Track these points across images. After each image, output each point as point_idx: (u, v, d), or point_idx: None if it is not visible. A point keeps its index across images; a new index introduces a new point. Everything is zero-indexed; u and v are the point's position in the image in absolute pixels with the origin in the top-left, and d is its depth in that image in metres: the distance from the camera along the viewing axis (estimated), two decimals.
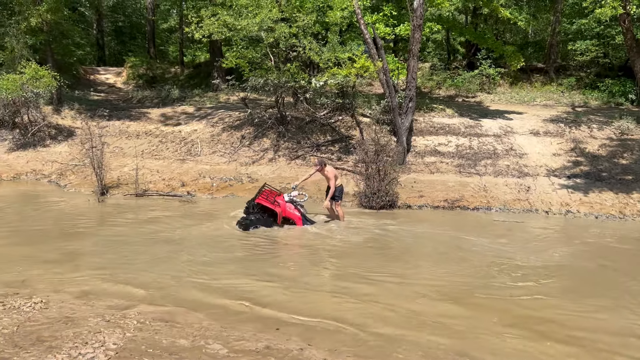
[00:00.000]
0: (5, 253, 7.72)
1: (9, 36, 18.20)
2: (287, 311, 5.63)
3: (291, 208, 9.66)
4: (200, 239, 8.77)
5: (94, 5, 29.11)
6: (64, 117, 18.60)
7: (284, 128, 15.95)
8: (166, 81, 25.59)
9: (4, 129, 17.19)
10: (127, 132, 17.61)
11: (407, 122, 14.19)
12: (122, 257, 7.67)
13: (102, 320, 4.93)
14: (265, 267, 7.26)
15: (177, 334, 4.78)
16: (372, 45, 14.37)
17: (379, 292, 6.29)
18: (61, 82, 17.44)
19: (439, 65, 24.69)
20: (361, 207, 11.62)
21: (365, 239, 9.15)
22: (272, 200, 9.53)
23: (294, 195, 9.90)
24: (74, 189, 13.36)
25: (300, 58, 15.15)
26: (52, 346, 4.11)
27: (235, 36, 14.82)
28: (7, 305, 5.14)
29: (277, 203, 9.52)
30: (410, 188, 12.65)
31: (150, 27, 28.10)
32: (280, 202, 9.57)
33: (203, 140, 16.47)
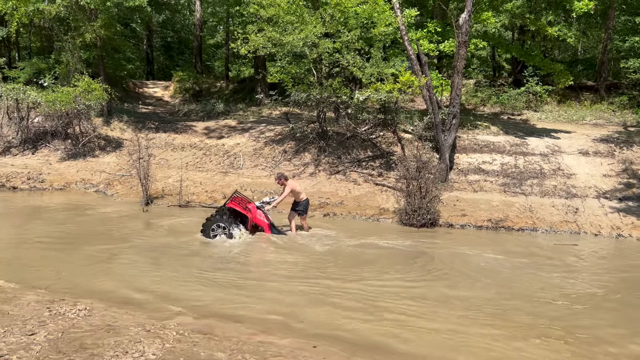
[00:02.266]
0: (53, 258, 7.97)
1: (64, 51, 19.06)
2: (328, 329, 5.57)
3: (261, 215, 9.87)
4: (241, 252, 8.83)
5: (145, 21, 30.16)
6: (113, 128, 19.25)
7: (324, 143, 15.98)
8: (211, 95, 26.19)
9: (57, 140, 17.94)
10: (173, 145, 18.04)
11: (450, 139, 13.98)
12: (163, 268, 7.79)
13: (143, 329, 4.98)
14: (307, 284, 7.22)
15: (215, 346, 4.78)
16: (416, 62, 14.30)
17: (427, 322, 6.15)
18: (111, 95, 18.10)
19: (484, 82, 24.30)
20: (401, 224, 11.46)
21: (426, 262, 8.98)
22: (244, 206, 9.77)
23: (265, 201, 10.13)
24: (120, 198, 13.74)
25: (342, 73, 15.21)
26: (94, 354, 4.18)
27: (279, 52, 15.04)
28: (53, 310, 5.28)
29: (249, 209, 9.70)
30: (452, 206, 12.40)
31: (197, 42, 28.86)
32: (251, 208, 9.76)
33: (245, 153, 16.68)
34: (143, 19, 28.99)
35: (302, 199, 10.14)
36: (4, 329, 4.55)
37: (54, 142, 17.92)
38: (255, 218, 9.78)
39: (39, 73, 20.23)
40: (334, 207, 12.72)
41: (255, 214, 9.77)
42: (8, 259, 8.07)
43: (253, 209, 9.80)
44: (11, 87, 18.06)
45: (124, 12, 20.91)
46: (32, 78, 20.13)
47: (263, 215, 9.89)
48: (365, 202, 12.93)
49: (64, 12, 18.25)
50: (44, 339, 4.40)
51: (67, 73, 18.77)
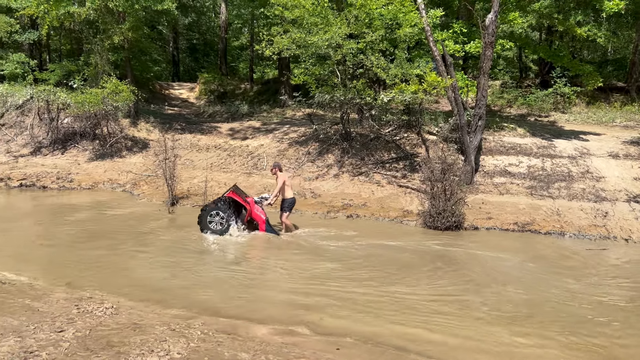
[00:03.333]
0: (81, 256, 8.13)
1: (93, 53, 19.45)
2: (351, 331, 5.55)
3: (258, 210, 10.03)
4: (262, 253, 8.87)
5: (172, 24, 30.58)
6: (139, 129, 19.55)
7: (348, 144, 15.95)
8: (236, 97, 26.41)
9: (86, 140, 18.30)
10: (198, 146, 18.24)
11: (475, 140, 13.80)
12: (187, 267, 7.88)
13: (168, 328, 5.04)
14: (337, 285, 7.20)
15: (239, 347, 4.81)
16: (441, 62, 14.16)
17: (458, 326, 6.08)
18: (138, 96, 18.39)
19: (510, 83, 23.94)
20: (425, 227, 11.34)
21: (462, 275, 8.90)
22: (243, 198, 10.03)
23: (263, 197, 10.30)
24: (146, 198, 13.93)
25: (366, 75, 15.16)
26: (120, 352, 4.24)
27: (304, 53, 15.07)
28: (81, 308, 5.38)
29: (247, 202, 9.99)
30: (477, 209, 12.24)
31: (222, 44, 29.12)
32: (249, 201, 10.02)
33: (269, 154, 16.76)
34: (170, 22, 29.39)
35: (288, 197, 10.20)
36: (34, 325, 4.65)
37: (82, 142, 18.29)
38: (253, 212, 9.99)
39: (69, 75, 20.68)
40: (357, 208, 12.68)
41: (253, 207, 10.00)
42: (36, 256, 8.25)
43: (252, 202, 10.02)
44: (42, 88, 18.51)
45: (151, 14, 21.22)
46: (62, 80, 20.60)
47: (260, 210, 10.08)
48: (388, 204, 12.85)
49: (93, 15, 18.62)
50: (72, 336, 4.48)
51: (96, 75, 19.14)
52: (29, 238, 9.45)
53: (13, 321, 4.71)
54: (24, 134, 18.62)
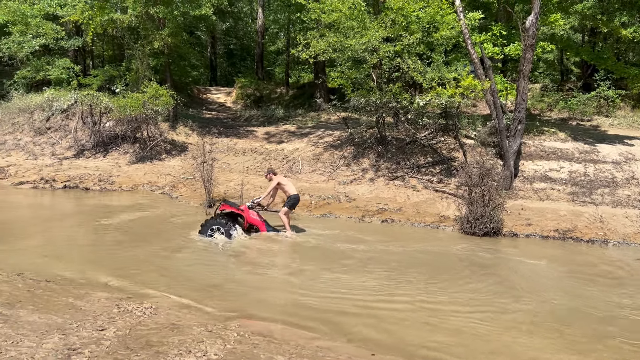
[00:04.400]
0: (121, 257, 8.33)
1: (134, 59, 19.99)
2: (387, 337, 5.50)
3: (254, 214, 10.24)
4: (298, 255, 8.90)
5: (210, 29, 31.14)
6: (178, 133, 19.95)
7: (383, 148, 15.86)
8: (272, 101, 26.66)
9: (127, 143, 18.80)
10: (235, 149, 18.48)
11: (515, 145, 13.51)
12: (222, 268, 7.96)
13: (205, 329, 5.10)
14: (373, 291, 7.15)
15: (275, 349, 4.82)
16: (479, 65, 13.93)
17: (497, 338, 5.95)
18: (177, 100, 18.78)
19: (551, 86, 23.35)
20: (462, 232, 11.15)
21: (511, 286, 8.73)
22: (236, 207, 10.23)
23: (255, 200, 10.40)
24: (184, 200, 14.19)
25: (403, 78, 15.05)
26: (159, 352, 4.31)
27: (340, 57, 15.08)
28: (121, 308, 5.50)
29: (242, 209, 10.15)
30: (517, 215, 11.96)
31: (259, 49, 29.49)
32: (243, 209, 10.17)
33: (304, 158, 16.82)
34: (208, 27, 29.98)
35: (290, 194, 10.23)
36: (77, 323, 4.78)
37: (123, 145, 18.79)
38: (249, 217, 10.14)
39: (111, 80, 21.29)
40: (392, 213, 12.58)
41: (248, 213, 10.14)
42: (79, 256, 8.50)
43: (245, 209, 10.17)
44: (85, 93, 19.12)
45: (190, 20, 21.67)
46: (105, 85, 21.23)
47: (256, 214, 10.26)
48: (424, 209, 12.70)
49: (134, 22, 19.14)
50: (113, 334, 4.58)
51: (137, 80, 19.65)
52: (71, 238, 9.75)
53: (57, 319, 4.86)
54: (68, 137, 19.26)
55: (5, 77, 23.16)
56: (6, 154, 18.65)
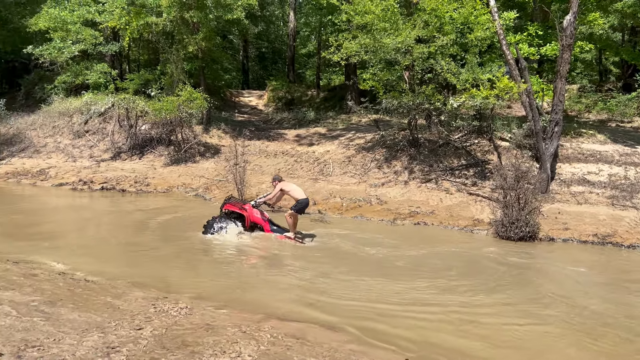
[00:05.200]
0: (156, 257, 8.49)
1: (169, 63, 20.38)
2: (421, 341, 5.43)
3: (257, 213, 10.23)
4: (333, 258, 8.89)
5: (242, 33, 31.49)
6: (211, 136, 20.24)
7: (415, 150, 15.72)
8: (303, 104, 26.76)
9: (161, 146, 19.18)
10: (266, 152, 18.63)
11: (551, 147, 13.20)
12: (257, 270, 8.02)
13: (239, 330, 5.14)
14: (408, 295, 7.09)
15: (308, 352, 4.82)
16: (515, 66, 13.67)
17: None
18: (211, 104, 19.05)
19: (589, 87, 22.71)
20: (497, 236, 10.94)
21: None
22: (239, 206, 10.24)
23: (259, 200, 10.44)
24: (217, 202, 14.33)
25: (436, 80, 14.90)
26: (194, 351, 4.36)
27: (372, 59, 15.04)
28: (157, 307, 5.60)
29: (245, 209, 10.14)
30: (553, 219, 11.67)
31: (290, 52, 29.65)
32: (247, 208, 10.18)
33: (335, 160, 16.83)
34: (240, 31, 30.30)
35: (298, 198, 10.15)
36: (115, 322, 4.88)
37: (158, 148, 19.17)
38: (252, 216, 10.15)
39: (146, 84, 21.76)
40: (425, 216, 12.45)
41: (251, 212, 10.15)
42: (116, 256, 8.70)
43: (249, 208, 10.20)
44: (122, 97, 19.61)
45: (223, 24, 21.95)
46: (140, 88, 21.71)
47: (259, 213, 10.26)
48: (458, 212, 12.53)
49: (169, 27, 19.52)
50: (150, 334, 4.66)
51: (172, 83, 20.03)
52: (108, 238, 9.99)
53: (96, 317, 4.97)
54: (105, 140, 19.78)
55: (46, 82, 23.95)
56: (47, 156, 19.27)
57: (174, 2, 18.18)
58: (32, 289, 5.76)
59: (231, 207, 10.32)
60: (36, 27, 21.72)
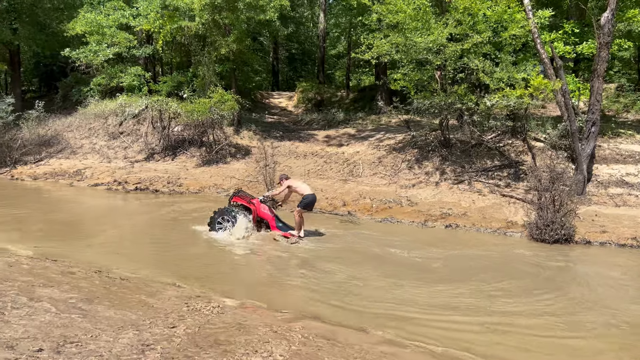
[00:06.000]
0: (189, 256, 8.60)
1: (201, 65, 20.67)
2: (455, 345, 5.36)
3: (265, 209, 10.29)
4: (364, 258, 8.86)
5: (273, 35, 31.69)
6: (242, 137, 20.43)
7: (447, 151, 15.53)
8: (332, 104, 26.75)
9: (193, 147, 19.47)
10: (296, 153, 18.69)
11: (588, 148, 12.85)
12: (288, 270, 8.05)
13: (270, 330, 5.17)
14: (437, 298, 7.01)
15: (339, 353, 4.81)
16: (550, 65, 13.37)
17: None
18: (242, 105, 19.23)
19: (627, 86, 22.00)
20: (531, 239, 10.70)
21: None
22: (247, 200, 10.38)
23: (267, 194, 10.59)
24: None
25: (468, 79, 14.68)
26: (227, 350, 4.40)
27: (403, 58, 14.92)
28: (190, 306, 5.68)
29: (253, 203, 10.27)
30: (590, 222, 11.35)
31: (320, 53, 29.67)
32: (255, 202, 10.29)
33: (364, 161, 16.76)
34: (271, 33, 30.53)
35: (305, 194, 10.16)
36: (149, 320, 4.97)
37: (190, 149, 19.46)
38: (260, 211, 10.24)
39: (179, 86, 22.12)
40: (457, 218, 12.28)
41: (259, 207, 10.23)
42: (149, 255, 8.86)
43: (257, 203, 10.29)
44: (155, 99, 19.98)
45: (254, 26, 22.14)
46: (173, 91, 22.08)
47: (267, 209, 10.30)
48: (491, 214, 12.31)
49: (201, 30, 19.79)
50: (183, 332, 4.73)
51: (203, 85, 20.31)
52: (142, 237, 10.18)
53: (131, 315, 5.07)
54: (139, 141, 20.18)
55: (82, 85, 24.62)
56: (83, 157, 19.79)
57: (206, 5, 18.43)
58: (69, 287, 5.91)
59: (240, 200, 10.48)
60: (73, 31, 22.32)
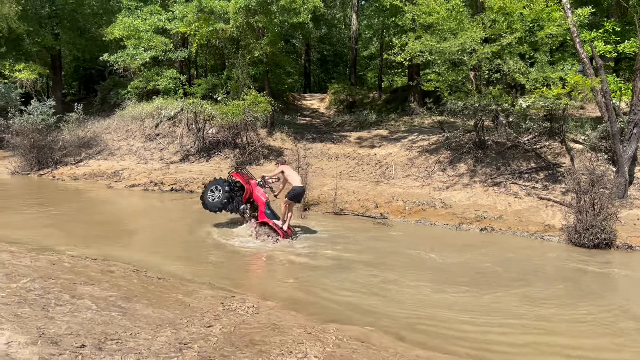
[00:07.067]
0: (224, 257, 8.71)
1: (235, 68, 20.94)
2: (490, 350, 5.27)
3: (260, 192, 10.40)
4: (403, 263, 8.80)
5: (306, 37, 31.85)
6: (274, 139, 20.59)
7: (482, 153, 15.28)
8: (364, 106, 26.70)
9: (227, 149, 19.73)
10: (328, 154, 18.71)
11: (630, 150, 12.45)
12: (321, 271, 8.06)
13: (304, 331, 5.19)
14: (476, 302, 6.92)
15: (373, 355, 4.79)
16: (589, 65, 13.01)
17: None
18: (274, 107, 19.39)
19: None
20: (570, 243, 10.43)
21: None
22: (245, 179, 10.56)
23: (267, 178, 10.60)
24: (279, 203, 14.55)
25: (503, 80, 14.42)
26: (262, 350, 4.44)
27: (437, 59, 14.77)
28: (226, 306, 5.75)
29: (249, 183, 10.50)
30: (632, 226, 10.99)
31: (352, 55, 29.65)
32: (252, 183, 10.52)
33: (397, 163, 16.65)
34: (304, 35, 30.68)
35: (293, 184, 10.18)
36: (186, 319, 5.05)
37: (224, 150, 19.72)
38: (254, 193, 10.39)
39: (213, 88, 22.45)
40: (492, 221, 12.06)
41: (254, 189, 10.40)
42: (185, 254, 9.00)
43: (254, 184, 10.46)
44: (190, 101, 20.33)
45: (287, 29, 22.29)
46: (207, 93, 22.42)
47: (262, 192, 10.43)
48: (527, 217, 12.05)
49: (235, 33, 20.05)
50: (219, 331, 4.79)
51: (237, 88, 20.56)
52: (178, 237, 10.36)
53: (169, 314, 5.17)
54: (174, 143, 20.56)
55: (120, 88, 25.26)
56: (120, 159, 20.28)
57: (240, 9, 18.66)
58: (109, 285, 6.06)
59: (237, 176, 10.67)
60: (111, 35, 22.94)
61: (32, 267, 6.35)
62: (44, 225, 10.72)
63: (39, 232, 9.85)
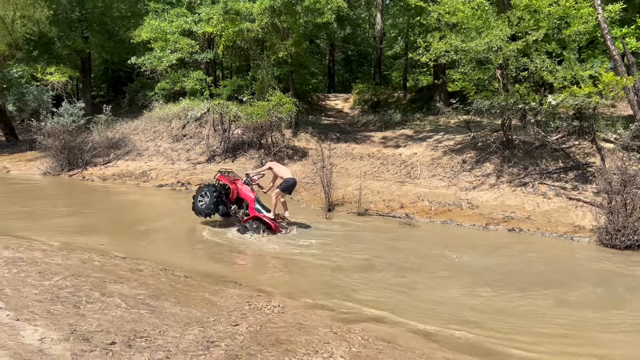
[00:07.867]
0: (249, 256, 8.79)
1: (260, 69, 21.08)
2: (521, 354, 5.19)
3: (247, 190, 10.66)
4: (427, 262, 8.74)
5: (330, 37, 31.86)
6: (299, 139, 20.65)
7: (509, 152, 15.04)
8: (389, 106, 26.57)
9: (252, 149, 19.87)
10: (352, 154, 18.68)
11: None
12: (348, 271, 8.05)
13: (330, 331, 5.19)
14: (507, 305, 6.83)
15: (400, 356, 4.77)
16: (621, 62, 12.72)
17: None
18: (299, 108, 19.45)
19: None
20: (601, 244, 10.18)
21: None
22: (230, 180, 10.83)
23: (252, 176, 10.94)
24: (305, 204, 14.62)
25: (531, 78, 14.17)
26: (288, 349, 4.46)
27: (463, 58, 14.60)
28: (252, 305, 5.79)
29: (235, 183, 10.73)
30: None
31: (377, 54, 29.54)
32: (237, 182, 10.80)
33: (422, 163, 16.51)
34: (328, 35, 30.71)
35: (284, 177, 10.45)
36: (213, 318, 5.11)
37: (249, 151, 19.87)
38: (241, 192, 10.69)
39: (239, 89, 22.63)
40: (520, 222, 11.87)
41: (241, 188, 10.63)
42: (209, 253, 9.10)
43: (240, 183, 10.83)
44: (216, 102, 20.53)
45: (311, 29, 22.34)
46: (233, 94, 22.62)
47: (249, 190, 10.70)
48: (556, 217, 11.82)
49: (261, 33, 20.19)
50: (245, 330, 4.84)
51: (262, 89, 20.69)
52: (204, 236, 10.47)
53: (196, 312, 5.24)
54: (201, 144, 20.81)
55: (147, 89, 25.69)
56: (148, 159, 20.62)
57: (265, 10, 18.78)
58: (138, 283, 6.17)
59: (223, 179, 10.89)
60: (139, 38, 23.33)
61: (63, 265, 6.52)
62: (74, 224, 10.97)
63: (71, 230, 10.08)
